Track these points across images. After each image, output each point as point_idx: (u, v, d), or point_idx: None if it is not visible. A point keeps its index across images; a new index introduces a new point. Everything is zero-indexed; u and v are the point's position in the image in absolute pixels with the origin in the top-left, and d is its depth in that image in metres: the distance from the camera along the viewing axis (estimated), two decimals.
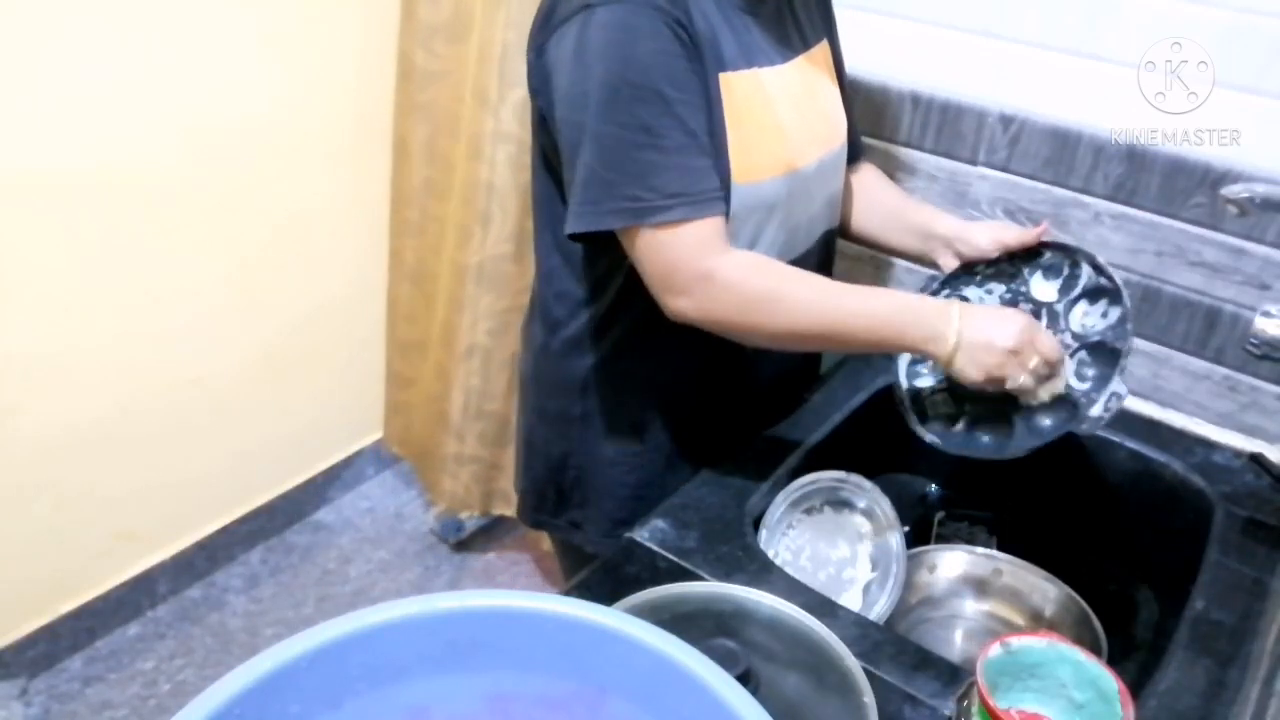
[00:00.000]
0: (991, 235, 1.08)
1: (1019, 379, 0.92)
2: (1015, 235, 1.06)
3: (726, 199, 0.92)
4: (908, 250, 1.16)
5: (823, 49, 1.06)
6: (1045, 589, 1.06)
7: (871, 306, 0.93)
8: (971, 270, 1.10)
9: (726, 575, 0.90)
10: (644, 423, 1.09)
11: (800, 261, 1.05)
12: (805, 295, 0.92)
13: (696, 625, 0.79)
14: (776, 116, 0.96)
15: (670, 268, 0.89)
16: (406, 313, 2.05)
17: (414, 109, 1.84)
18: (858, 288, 0.95)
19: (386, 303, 2.11)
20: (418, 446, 2.17)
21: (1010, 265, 1.09)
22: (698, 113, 0.89)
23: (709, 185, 0.89)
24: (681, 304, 0.90)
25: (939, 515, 1.21)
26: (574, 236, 0.92)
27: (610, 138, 0.86)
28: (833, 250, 1.15)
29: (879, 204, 1.17)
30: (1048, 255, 1.07)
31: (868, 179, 1.18)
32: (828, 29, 1.09)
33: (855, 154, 1.14)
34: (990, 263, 1.09)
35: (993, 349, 0.91)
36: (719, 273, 0.89)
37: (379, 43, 1.91)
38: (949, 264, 1.10)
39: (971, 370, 0.92)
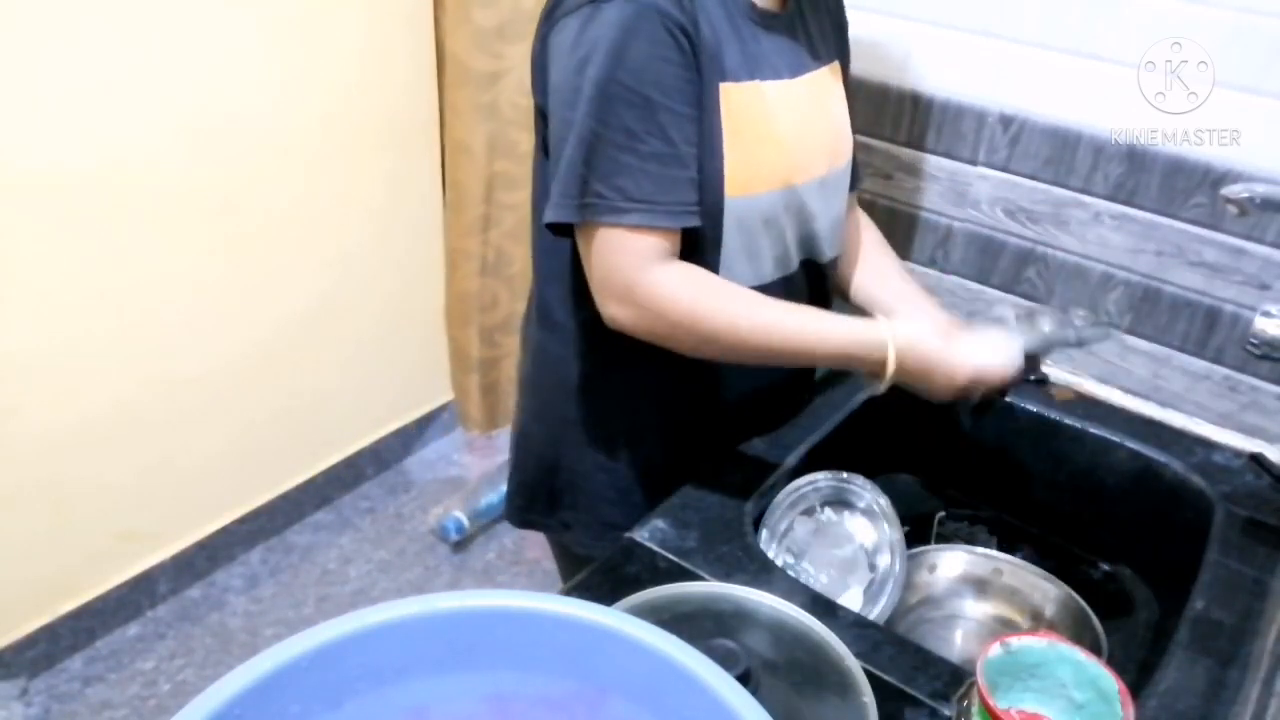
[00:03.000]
0: None
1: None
2: None
3: (702, 214, 0.91)
4: None
5: (835, 69, 1.05)
6: (1045, 589, 1.06)
7: (808, 337, 0.94)
8: None
9: (726, 575, 0.90)
10: (641, 427, 1.09)
11: (793, 280, 1.03)
12: (731, 317, 0.92)
13: (696, 625, 0.79)
14: (777, 130, 0.96)
15: (608, 272, 0.90)
16: (485, 303, 2.17)
17: (474, 110, 1.92)
18: (795, 312, 0.95)
19: (449, 300, 2.20)
20: (509, 417, 2.28)
21: None
22: (684, 123, 0.88)
23: (677, 198, 0.89)
24: (613, 311, 0.91)
25: (939, 515, 1.21)
26: (551, 228, 0.93)
27: (591, 134, 0.87)
28: (829, 277, 1.11)
29: (870, 278, 1.15)
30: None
31: (868, 249, 1.16)
32: (841, 51, 1.08)
33: (853, 180, 1.13)
34: None
35: (929, 393, 0.98)
36: (646, 284, 0.89)
37: (380, 44, 1.92)
38: None
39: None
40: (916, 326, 0.97)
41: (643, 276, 0.89)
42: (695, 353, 0.95)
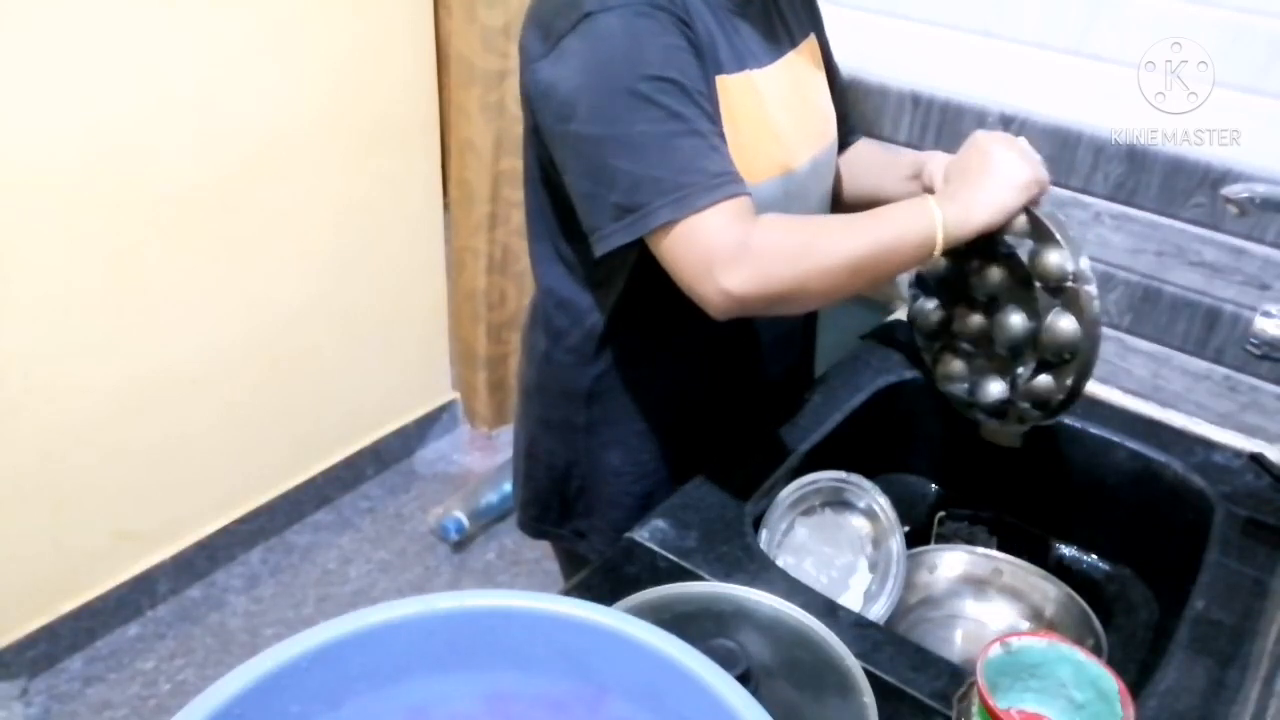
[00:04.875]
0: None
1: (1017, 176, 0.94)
2: None
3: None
4: (901, 197, 1.13)
5: (810, 44, 1.06)
6: (1045, 589, 1.06)
7: (885, 225, 0.90)
8: None
9: (726, 575, 0.90)
10: (649, 431, 1.08)
11: None
12: (835, 231, 0.88)
13: (696, 625, 0.79)
14: (770, 118, 0.96)
15: (709, 249, 0.84)
16: (493, 300, 2.20)
17: (481, 109, 1.94)
18: (873, 211, 0.92)
19: (457, 297, 2.21)
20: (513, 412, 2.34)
21: None
22: (710, 103, 0.88)
23: (734, 166, 0.88)
24: (728, 282, 0.84)
25: (939, 515, 1.21)
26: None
27: (643, 136, 0.84)
28: None
29: (869, 161, 1.17)
30: None
31: (855, 145, 1.18)
32: (814, 23, 1.09)
33: (850, 140, 1.14)
34: None
35: (991, 185, 0.93)
36: (755, 237, 0.85)
37: (379, 43, 1.92)
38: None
39: (988, 213, 0.93)
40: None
41: (752, 231, 0.85)
42: (809, 286, 0.88)
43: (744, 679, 0.67)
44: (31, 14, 1.45)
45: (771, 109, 0.96)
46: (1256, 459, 1.08)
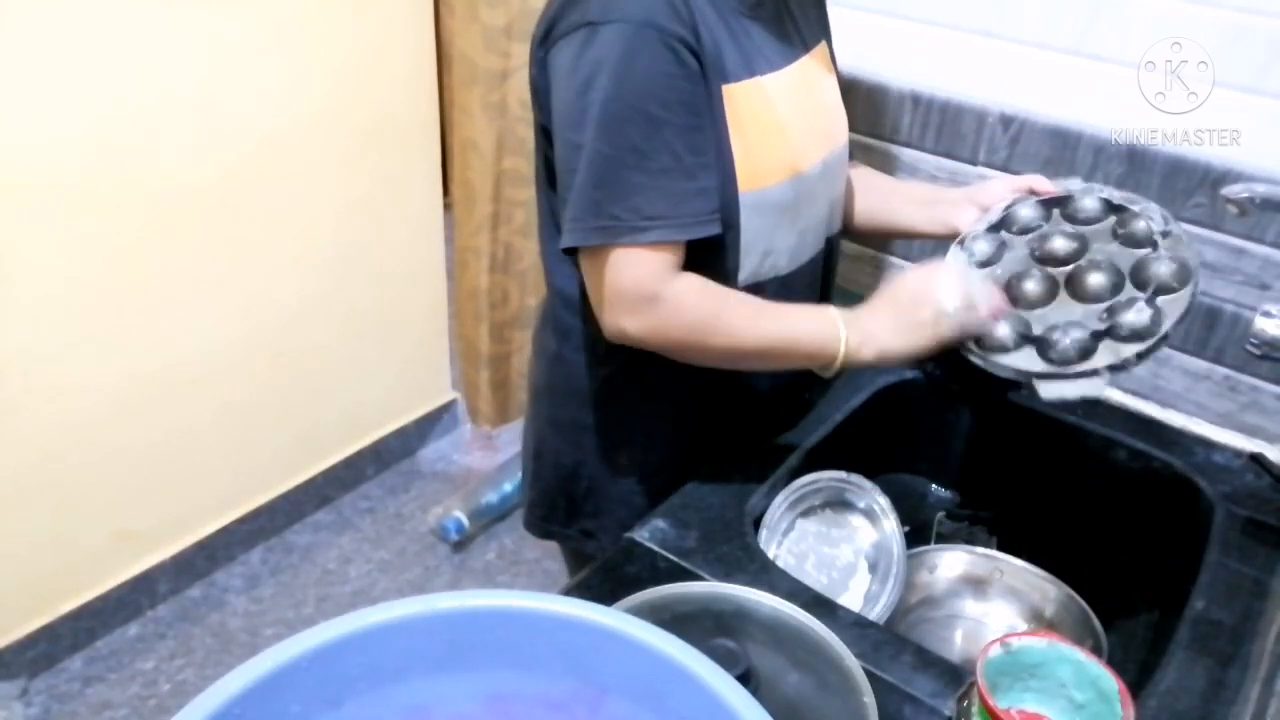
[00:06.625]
0: (1006, 186, 1.07)
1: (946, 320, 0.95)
2: (1042, 182, 1.04)
3: (720, 219, 0.92)
4: (914, 223, 1.14)
5: (822, 50, 1.06)
6: (1045, 589, 1.06)
7: (791, 326, 0.96)
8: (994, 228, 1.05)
9: (726, 575, 0.90)
10: (658, 430, 1.09)
11: (807, 266, 1.05)
12: (742, 317, 0.94)
13: (696, 625, 0.79)
14: (780, 121, 0.96)
15: (624, 287, 0.90)
16: (496, 299, 2.20)
17: (484, 109, 1.95)
18: (784, 307, 0.97)
19: (458, 298, 2.22)
20: (519, 411, 2.32)
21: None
22: (689, 135, 0.89)
23: (690, 209, 0.90)
24: (626, 323, 0.91)
25: (939, 515, 1.21)
26: (568, 250, 0.94)
27: (601, 157, 0.87)
28: (836, 254, 1.15)
29: (877, 184, 1.17)
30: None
31: (860, 169, 1.19)
32: (825, 30, 1.09)
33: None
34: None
35: (900, 317, 0.95)
36: (667, 296, 0.90)
37: (380, 43, 1.92)
38: (966, 219, 1.08)
39: (898, 341, 0.95)
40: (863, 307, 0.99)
41: (666, 289, 0.90)
42: (697, 355, 0.96)
43: (744, 679, 0.67)
44: (32, 14, 1.45)
45: (782, 112, 0.96)
46: (1256, 459, 1.08)
